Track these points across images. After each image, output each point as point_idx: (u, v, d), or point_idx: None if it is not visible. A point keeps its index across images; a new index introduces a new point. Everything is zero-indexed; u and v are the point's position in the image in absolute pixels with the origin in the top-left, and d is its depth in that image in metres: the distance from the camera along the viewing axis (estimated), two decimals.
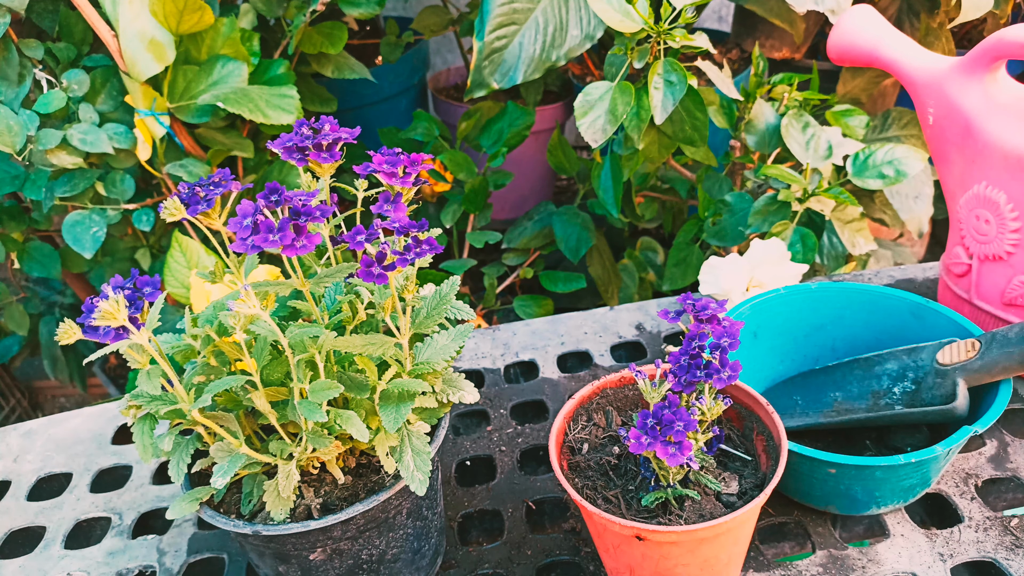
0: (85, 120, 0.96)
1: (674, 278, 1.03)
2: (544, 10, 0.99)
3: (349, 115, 1.50)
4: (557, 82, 1.57)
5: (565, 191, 1.84)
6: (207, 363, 0.49)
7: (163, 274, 0.80)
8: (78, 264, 1.18)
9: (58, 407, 1.68)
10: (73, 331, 0.41)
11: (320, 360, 0.46)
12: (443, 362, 0.50)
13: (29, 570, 0.64)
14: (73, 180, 0.98)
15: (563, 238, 1.16)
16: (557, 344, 0.82)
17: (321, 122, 0.47)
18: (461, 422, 0.76)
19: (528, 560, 0.59)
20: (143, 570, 0.63)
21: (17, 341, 1.33)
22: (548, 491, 0.65)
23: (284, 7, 1.13)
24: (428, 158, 0.48)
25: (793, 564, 0.57)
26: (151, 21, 0.90)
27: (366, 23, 1.62)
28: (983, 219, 0.66)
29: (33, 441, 0.78)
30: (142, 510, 0.69)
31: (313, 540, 0.49)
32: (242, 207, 0.40)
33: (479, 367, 0.80)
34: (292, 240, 0.40)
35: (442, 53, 1.94)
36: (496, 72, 1.00)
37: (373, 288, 0.50)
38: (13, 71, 0.96)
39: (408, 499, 0.52)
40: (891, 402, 0.61)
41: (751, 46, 1.37)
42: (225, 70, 0.96)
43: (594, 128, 0.82)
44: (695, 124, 0.88)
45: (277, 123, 0.95)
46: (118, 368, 1.51)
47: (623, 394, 0.58)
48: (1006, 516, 0.58)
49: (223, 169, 0.44)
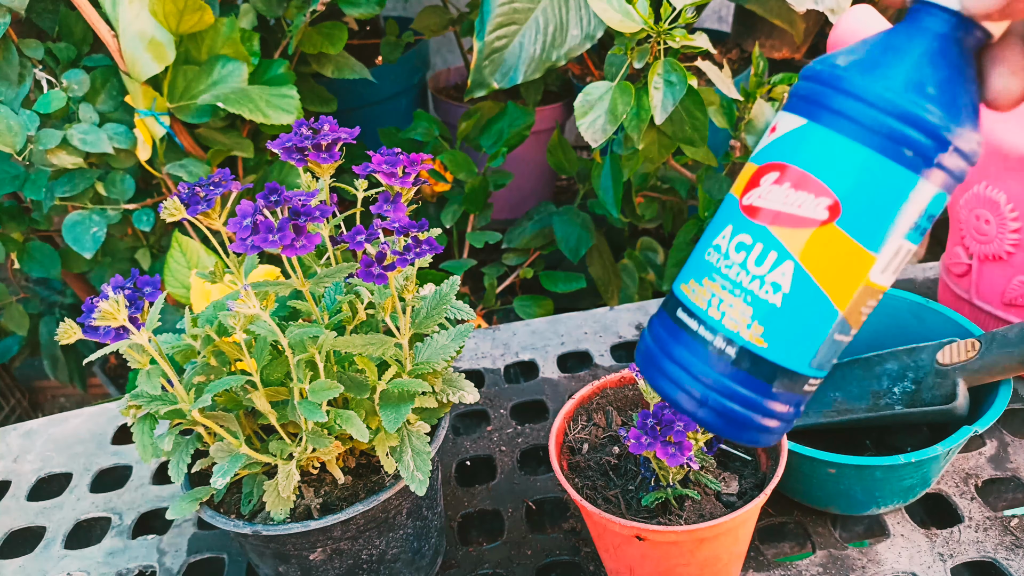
0: (85, 120, 0.96)
1: (675, 278, 1.03)
2: (544, 10, 0.99)
3: (349, 115, 1.50)
4: (557, 82, 1.57)
5: (565, 191, 1.84)
6: (207, 363, 0.49)
7: (163, 274, 0.80)
8: (78, 264, 1.18)
9: (58, 407, 1.68)
10: (73, 331, 0.41)
11: (320, 360, 0.46)
12: (443, 362, 0.50)
13: (29, 570, 0.64)
14: (73, 180, 0.98)
15: (563, 238, 1.16)
16: (557, 344, 0.82)
17: (321, 122, 0.47)
18: (461, 422, 0.76)
19: (528, 560, 0.59)
20: (143, 570, 0.63)
21: (17, 341, 1.33)
22: (548, 491, 0.65)
23: (284, 7, 1.13)
24: (428, 158, 0.48)
25: (793, 564, 0.57)
26: (151, 21, 0.90)
27: (366, 23, 1.62)
28: (983, 219, 0.66)
29: (33, 441, 0.78)
30: (142, 510, 0.69)
31: (313, 540, 0.49)
32: (242, 207, 0.40)
33: (479, 367, 0.80)
34: (292, 240, 0.40)
35: (442, 53, 1.94)
36: (496, 72, 1.00)
37: (373, 288, 0.50)
38: (13, 71, 0.96)
39: (408, 499, 0.52)
40: (891, 402, 0.61)
41: (751, 46, 1.37)
42: (225, 70, 0.96)
43: (594, 128, 0.82)
44: (695, 124, 0.88)
45: (277, 123, 0.95)
46: (118, 368, 1.51)
47: (623, 394, 0.58)
48: (1006, 516, 0.58)
49: (223, 169, 0.44)
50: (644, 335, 0.40)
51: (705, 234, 0.37)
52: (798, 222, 0.33)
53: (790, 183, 0.33)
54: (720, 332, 0.35)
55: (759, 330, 0.34)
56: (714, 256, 0.35)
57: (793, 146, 0.34)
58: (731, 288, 0.34)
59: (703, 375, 0.35)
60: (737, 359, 0.34)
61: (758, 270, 0.34)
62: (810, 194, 0.33)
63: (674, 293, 0.38)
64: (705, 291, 0.35)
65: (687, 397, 0.35)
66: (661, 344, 0.37)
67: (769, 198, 0.34)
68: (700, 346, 0.35)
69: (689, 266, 0.37)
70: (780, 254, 0.33)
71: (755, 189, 0.35)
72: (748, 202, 0.35)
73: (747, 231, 0.34)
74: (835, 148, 0.32)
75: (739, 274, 0.34)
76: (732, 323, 0.34)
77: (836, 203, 0.33)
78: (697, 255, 0.37)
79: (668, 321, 0.37)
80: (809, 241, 0.33)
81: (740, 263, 0.34)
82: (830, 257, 0.33)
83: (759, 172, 0.35)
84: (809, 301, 0.34)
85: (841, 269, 0.33)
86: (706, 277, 0.35)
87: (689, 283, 0.36)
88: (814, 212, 0.33)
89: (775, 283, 0.34)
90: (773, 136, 0.35)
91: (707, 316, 0.35)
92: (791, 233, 0.33)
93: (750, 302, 0.34)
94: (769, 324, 0.34)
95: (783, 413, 0.36)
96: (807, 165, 0.33)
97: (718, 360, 0.35)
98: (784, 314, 0.34)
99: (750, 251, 0.34)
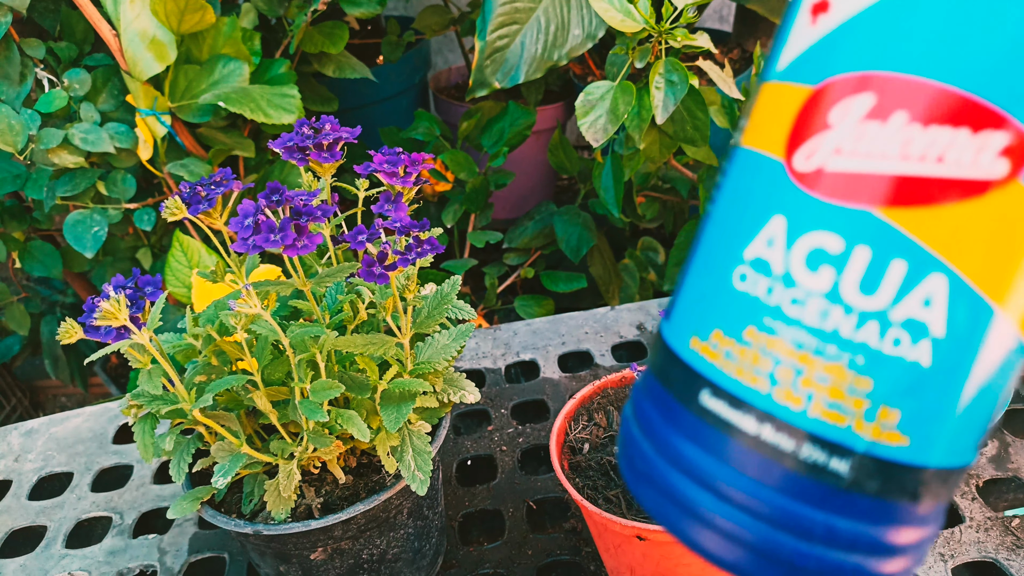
0: (86, 119, 0.96)
1: (675, 278, 1.03)
2: (546, 9, 0.99)
3: (350, 114, 1.50)
4: (558, 82, 1.57)
5: (566, 191, 1.84)
6: (208, 363, 0.49)
7: (164, 273, 0.80)
8: (79, 263, 1.18)
9: (59, 406, 1.68)
10: (74, 330, 0.41)
11: (321, 360, 0.46)
12: (444, 362, 0.50)
13: (30, 569, 0.64)
14: (74, 179, 0.98)
15: (564, 238, 1.16)
16: (558, 344, 0.82)
17: (322, 121, 0.47)
18: (462, 422, 0.76)
19: (529, 560, 0.59)
20: (144, 569, 0.63)
21: (18, 341, 1.33)
22: (549, 491, 0.65)
23: (285, 7, 1.13)
24: (429, 158, 0.48)
25: None
26: (152, 21, 0.90)
27: (367, 23, 1.62)
28: None
29: (34, 440, 0.78)
30: (143, 509, 0.69)
31: (314, 539, 0.49)
32: (243, 207, 0.40)
33: (480, 367, 0.80)
34: (293, 240, 0.40)
35: (443, 53, 1.94)
36: (498, 71, 1.00)
37: (374, 288, 0.50)
38: (15, 70, 0.96)
39: (409, 499, 0.52)
40: None
41: (752, 46, 1.37)
42: (226, 69, 0.96)
43: (595, 128, 0.82)
44: (696, 124, 0.88)
45: (278, 122, 0.95)
46: (119, 368, 1.51)
47: (624, 394, 0.58)
48: (1007, 516, 0.58)
49: (224, 168, 0.44)
50: (628, 423, 0.23)
51: (715, 240, 0.21)
52: (942, 191, 0.17)
53: (906, 112, 0.17)
54: (807, 432, 0.18)
55: (893, 417, 0.18)
56: (757, 283, 0.19)
57: (898, 34, 0.17)
58: (813, 345, 0.18)
59: (775, 512, 0.19)
60: (855, 478, 0.18)
61: (871, 302, 0.18)
62: (962, 128, 0.17)
63: (681, 357, 0.21)
64: (754, 354, 0.19)
65: (741, 551, 0.19)
66: (669, 451, 0.21)
67: (867, 151, 0.17)
68: (762, 460, 0.19)
69: (698, 300, 0.21)
70: (915, 261, 0.17)
71: (824, 137, 0.18)
72: (811, 166, 0.18)
73: (828, 225, 0.18)
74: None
75: (827, 314, 0.18)
76: (831, 412, 0.18)
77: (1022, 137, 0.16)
78: (712, 278, 0.20)
79: (678, 409, 0.21)
80: (971, 226, 0.17)
81: (826, 293, 0.18)
82: (1019, 249, 0.17)
83: (824, 96, 0.18)
84: (982, 342, 0.18)
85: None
86: (751, 326, 0.19)
87: (711, 338, 0.20)
88: (977, 165, 0.17)
89: (914, 322, 0.18)
90: (834, 19, 0.18)
91: (772, 404, 0.19)
92: (930, 216, 0.17)
93: (864, 367, 0.18)
94: (912, 402, 0.18)
95: (922, 541, 0.20)
96: (947, 70, 0.16)
97: (809, 484, 0.19)
98: (938, 377, 0.18)
99: (844, 265, 0.18)
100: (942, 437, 0.18)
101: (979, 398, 0.18)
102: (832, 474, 0.18)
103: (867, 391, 0.18)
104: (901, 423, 0.18)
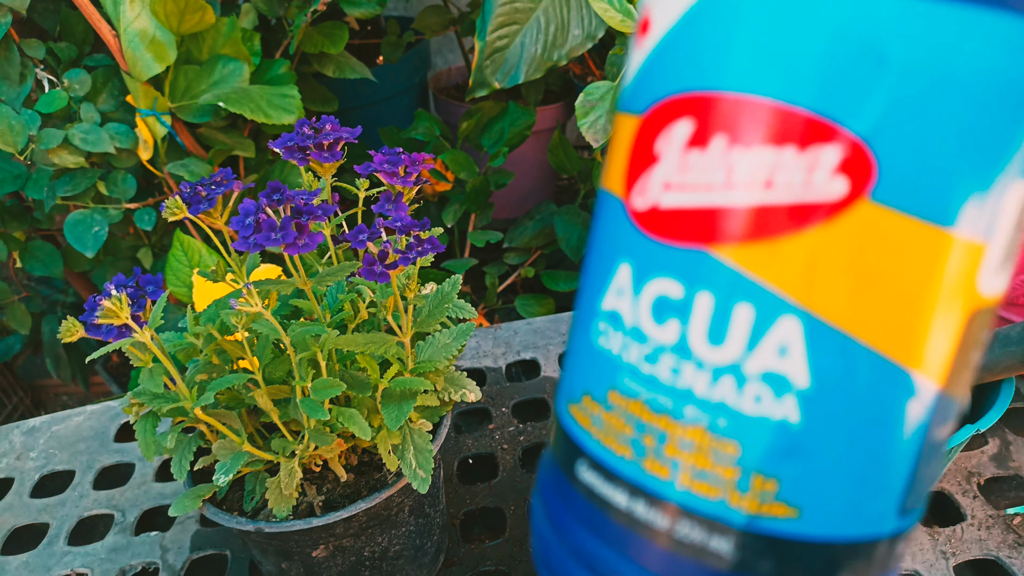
0: (87, 120, 0.96)
1: None
2: (546, 10, 0.99)
3: (350, 114, 1.50)
4: (558, 82, 1.58)
5: (566, 191, 1.84)
6: (209, 361, 0.50)
7: (165, 273, 0.80)
8: (80, 263, 1.18)
9: (60, 405, 1.68)
10: (75, 329, 0.41)
11: (322, 358, 0.47)
12: (445, 361, 0.50)
13: (33, 566, 0.64)
14: (75, 179, 0.98)
15: (564, 237, 1.17)
16: (559, 343, 0.82)
17: (322, 121, 0.47)
18: (463, 420, 0.76)
19: (530, 557, 0.60)
20: (146, 566, 0.63)
21: (19, 340, 1.34)
22: None
23: (285, 7, 1.13)
24: (429, 157, 0.48)
25: None
26: (152, 21, 0.90)
27: (367, 23, 1.62)
28: None
29: (36, 439, 0.78)
30: (145, 507, 0.69)
31: (316, 537, 0.49)
32: (244, 206, 0.41)
33: (481, 366, 0.80)
34: (294, 239, 0.40)
35: (443, 53, 1.94)
36: (498, 72, 1.00)
37: (375, 287, 0.50)
38: (15, 71, 0.96)
39: (410, 497, 0.52)
40: None
41: None
42: (226, 70, 0.96)
43: (595, 128, 0.82)
44: None
45: (279, 123, 0.95)
46: (120, 366, 1.51)
47: None
48: (1009, 514, 0.58)
49: (225, 168, 0.44)
50: (533, 502, 0.21)
51: (582, 291, 0.18)
52: (777, 221, 0.14)
53: (725, 135, 0.15)
54: (679, 506, 0.16)
55: (770, 486, 0.15)
56: (611, 339, 0.17)
57: (707, 47, 0.15)
58: (669, 406, 0.16)
59: None
60: (741, 559, 0.15)
61: (721, 354, 0.15)
62: (787, 146, 0.14)
63: (562, 424, 0.18)
64: (618, 419, 0.16)
65: None
66: (562, 529, 0.18)
67: (693, 183, 0.15)
68: (640, 541, 0.16)
69: (571, 360, 0.19)
70: (761, 305, 0.15)
71: (653, 172, 0.16)
72: (646, 204, 0.16)
73: (667, 270, 0.15)
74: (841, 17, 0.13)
75: (679, 371, 0.15)
76: (700, 484, 0.15)
77: (863, 151, 0.14)
78: (579, 334, 0.18)
79: (565, 484, 0.18)
80: (820, 258, 0.14)
81: (673, 347, 0.15)
82: (882, 276, 0.14)
83: (649, 125, 0.16)
84: (858, 388, 0.15)
85: (914, 293, 0.14)
86: (613, 389, 0.17)
87: (582, 402, 0.17)
88: (810, 187, 0.14)
89: (773, 374, 0.15)
90: (653, 38, 0.16)
91: (642, 475, 0.16)
92: (770, 252, 0.14)
93: (728, 429, 0.15)
94: (790, 467, 0.15)
95: None
96: (759, 80, 0.14)
97: (692, 568, 0.16)
98: (814, 435, 0.15)
99: (688, 314, 0.15)
100: (841, 505, 0.15)
101: (880, 453, 0.15)
102: (714, 555, 0.15)
103: (735, 457, 0.15)
104: (782, 492, 0.15)
